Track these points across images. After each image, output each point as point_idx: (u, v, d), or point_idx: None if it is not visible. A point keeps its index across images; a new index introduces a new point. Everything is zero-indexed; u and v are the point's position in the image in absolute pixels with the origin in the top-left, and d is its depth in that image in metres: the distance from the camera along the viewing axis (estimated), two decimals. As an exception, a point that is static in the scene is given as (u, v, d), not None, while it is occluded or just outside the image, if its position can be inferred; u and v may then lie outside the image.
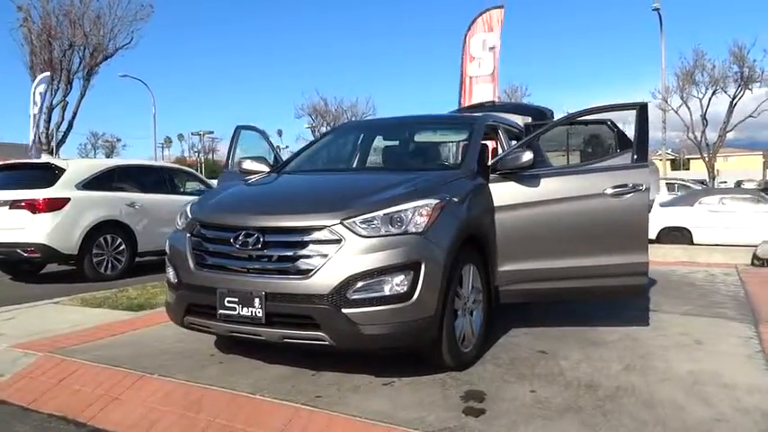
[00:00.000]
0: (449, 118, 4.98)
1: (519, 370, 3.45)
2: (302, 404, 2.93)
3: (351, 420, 2.76)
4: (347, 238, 3.01)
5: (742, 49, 28.95)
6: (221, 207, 3.53)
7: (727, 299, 5.45)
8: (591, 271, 3.90)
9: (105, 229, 7.96)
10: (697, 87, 30.42)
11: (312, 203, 3.30)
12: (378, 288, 2.99)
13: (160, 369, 3.49)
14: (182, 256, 3.42)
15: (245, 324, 3.13)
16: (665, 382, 3.23)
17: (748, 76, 29.03)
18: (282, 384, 3.21)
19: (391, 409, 2.87)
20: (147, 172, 9.12)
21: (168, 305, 3.62)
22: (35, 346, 4.00)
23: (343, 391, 3.12)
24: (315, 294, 2.97)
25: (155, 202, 8.68)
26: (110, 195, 8.14)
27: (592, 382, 3.22)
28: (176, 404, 3.10)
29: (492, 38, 9.63)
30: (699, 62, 30.12)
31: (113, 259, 8.09)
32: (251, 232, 3.14)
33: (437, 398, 3.02)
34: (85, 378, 3.48)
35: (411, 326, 3.05)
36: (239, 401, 3.03)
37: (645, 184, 3.85)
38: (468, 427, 2.67)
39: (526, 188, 3.90)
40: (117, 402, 3.21)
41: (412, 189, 3.34)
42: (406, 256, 3.02)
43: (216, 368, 3.53)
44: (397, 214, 3.11)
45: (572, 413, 2.81)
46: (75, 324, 4.66)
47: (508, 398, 3.01)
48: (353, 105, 44.25)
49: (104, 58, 24.14)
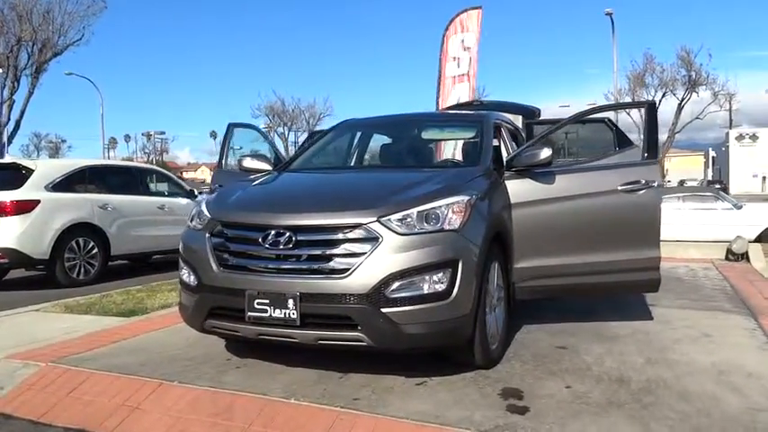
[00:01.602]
0: (457, 116, 4.96)
1: (546, 366, 3.45)
2: (342, 407, 2.84)
3: (398, 422, 2.69)
4: (384, 236, 2.94)
5: (689, 53, 30.28)
6: (245, 206, 3.40)
7: (716, 292, 5.62)
8: (605, 267, 3.94)
9: (77, 232, 7.62)
10: (647, 90, 31.61)
11: (345, 201, 3.21)
12: (417, 286, 2.93)
13: (178, 376, 3.34)
14: (201, 256, 3.28)
15: (277, 326, 3.01)
16: (691, 374, 3.29)
17: (695, 79, 30.35)
18: (313, 388, 3.12)
19: (434, 408, 2.82)
20: (118, 172, 8.80)
21: (184, 308, 3.47)
22: (34, 356, 3.77)
23: (378, 392, 3.04)
24: (353, 294, 2.88)
25: (127, 203, 8.37)
26: (81, 197, 7.79)
27: (622, 377, 3.25)
28: (205, 412, 2.96)
29: (469, 38, 9.69)
30: (649, 66, 31.32)
31: (86, 263, 7.74)
32: (282, 231, 3.03)
33: (475, 396, 2.99)
34: (98, 388, 3.30)
35: (449, 324, 3.00)
36: (273, 407, 2.92)
37: (657, 181, 3.92)
38: (518, 425, 2.64)
39: (541, 185, 3.91)
40: (139, 412, 3.04)
41: (441, 186, 3.30)
42: (445, 253, 2.97)
43: (236, 373, 3.40)
44: (432, 211, 3.06)
45: (615, 407, 2.82)
46: (68, 332, 4.42)
47: (545, 394, 3.00)
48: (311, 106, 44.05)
49: (54, 54, 23.23)
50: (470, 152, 4.12)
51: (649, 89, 31.60)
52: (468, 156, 4.09)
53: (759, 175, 50.95)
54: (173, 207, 9.15)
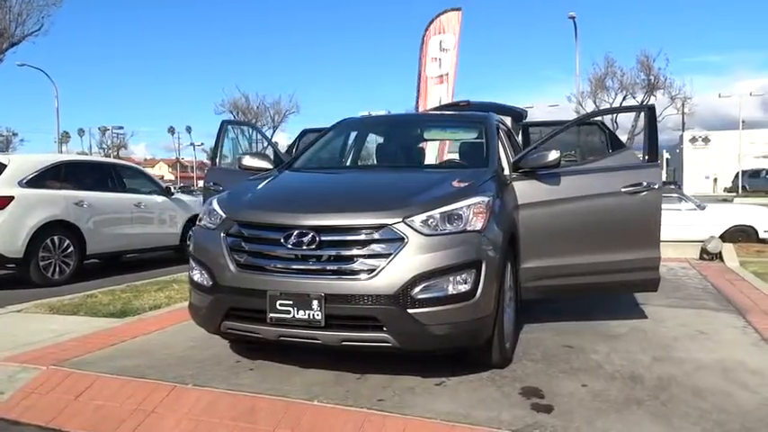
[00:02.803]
0: (458, 116, 4.97)
1: (557, 365, 3.51)
2: (368, 409, 2.83)
3: (428, 423, 2.70)
4: (409, 237, 2.94)
5: (648, 58, 31.19)
6: (264, 206, 3.34)
7: (699, 291, 5.81)
8: (608, 267, 4.02)
9: (52, 230, 7.36)
10: (608, 93, 32.42)
11: (370, 202, 3.19)
12: (442, 287, 2.94)
13: (190, 378, 3.27)
14: (216, 256, 3.21)
15: (300, 328, 2.98)
16: (698, 371, 3.39)
17: (653, 83, 31.27)
18: (333, 389, 3.09)
19: (459, 408, 2.83)
20: (94, 168, 8.52)
21: (196, 310, 3.39)
22: (32, 359, 3.63)
23: (400, 393, 3.04)
24: (380, 295, 2.87)
25: (104, 200, 8.13)
26: (56, 193, 7.52)
27: (633, 375, 3.33)
28: (225, 415, 2.91)
29: (449, 39, 9.75)
30: (610, 69, 32.13)
31: (61, 262, 7.48)
32: (305, 232, 3.00)
33: (497, 396, 3.02)
34: (107, 392, 3.20)
35: (473, 325, 3.02)
36: (297, 408, 2.88)
37: (658, 183, 4.02)
38: (546, 423, 2.67)
39: (547, 186, 3.97)
40: (155, 416, 2.96)
41: (460, 187, 3.32)
42: (469, 254, 2.99)
43: (250, 375, 3.34)
44: (455, 212, 3.07)
45: (635, 405, 2.89)
46: (60, 333, 4.27)
47: (565, 393, 3.05)
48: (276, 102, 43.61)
49: (11, 44, 22.37)
50: (477, 153, 4.15)
51: (610, 92, 32.47)
52: (475, 157, 4.12)
53: (711, 176, 52.84)
54: (149, 205, 8.94)
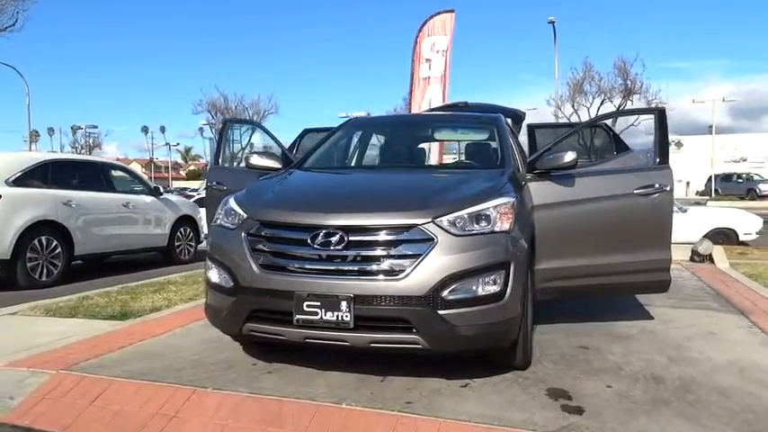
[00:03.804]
0: (469, 117, 4.95)
1: (577, 366, 3.51)
2: (399, 412, 2.79)
3: (462, 425, 2.67)
4: (439, 237, 2.91)
5: (626, 63, 31.67)
6: (287, 205, 3.27)
7: (699, 292, 5.88)
8: (620, 268, 4.04)
9: (40, 231, 7.16)
10: (586, 97, 32.83)
11: (399, 202, 3.15)
12: (472, 288, 2.91)
13: (208, 382, 3.19)
14: (237, 256, 3.14)
15: (327, 329, 2.92)
16: (716, 371, 3.41)
17: (630, 88, 31.76)
18: (358, 392, 3.05)
19: (490, 410, 2.81)
20: (82, 167, 8.34)
21: (215, 311, 3.31)
22: (39, 363, 3.51)
23: (427, 395, 3.00)
24: (411, 296, 2.84)
25: (92, 200, 7.96)
26: (44, 193, 7.33)
27: (653, 375, 3.34)
28: (252, 419, 2.84)
29: (442, 41, 9.76)
30: (588, 74, 32.54)
31: (49, 264, 7.28)
32: (333, 231, 2.95)
33: (525, 397, 3.00)
34: (123, 396, 3.10)
35: (502, 326, 3.00)
36: (325, 412, 2.83)
37: (669, 185, 4.06)
38: (581, 425, 2.66)
39: (562, 187, 3.97)
40: (177, 421, 2.88)
41: (485, 188, 3.30)
42: (498, 255, 2.97)
43: (270, 378, 3.27)
44: (482, 213, 3.05)
45: (663, 406, 2.89)
46: (63, 336, 4.14)
47: (591, 394, 3.05)
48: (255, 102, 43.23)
49: (-16, 40, 21.75)
50: (490, 154, 4.14)
51: (588, 96, 32.92)
52: (489, 158, 4.11)
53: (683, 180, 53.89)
54: (137, 205, 8.78)
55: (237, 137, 5.28)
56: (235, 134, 5.21)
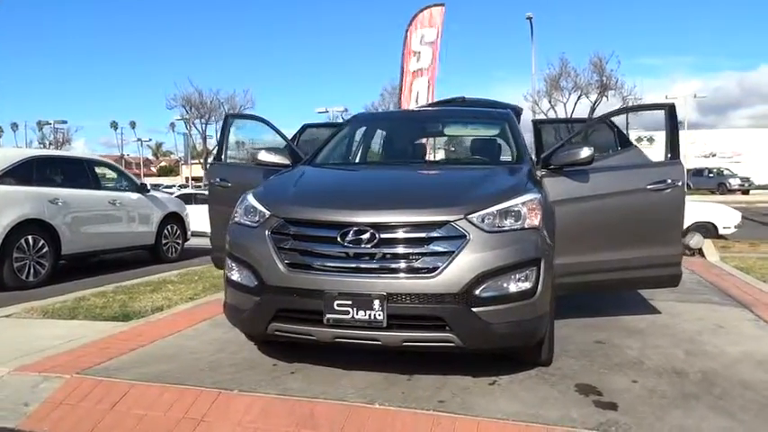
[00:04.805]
0: (478, 112, 4.92)
1: (598, 361, 3.52)
2: (434, 411, 2.76)
3: (501, 423, 2.65)
4: (471, 234, 2.88)
5: (602, 59, 32.08)
6: (313, 202, 3.20)
7: (697, 286, 5.96)
8: (633, 263, 4.06)
9: (27, 230, 6.94)
10: (562, 93, 33.17)
11: (429, 198, 3.11)
12: (505, 285, 2.89)
13: (232, 384, 3.12)
14: (261, 255, 3.07)
15: (359, 329, 2.87)
16: (735, 364, 3.46)
17: (606, 84, 32.17)
18: (388, 391, 3.00)
19: (526, 408, 2.79)
20: (68, 164, 8.10)
21: (237, 311, 3.23)
22: (50, 367, 3.39)
23: (458, 393, 2.98)
24: (445, 293, 2.80)
25: (79, 198, 7.74)
26: (30, 190, 7.10)
27: (675, 369, 3.37)
28: (283, 421, 2.78)
29: (430, 33, 9.74)
30: (564, 70, 32.88)
31: (36, 264, 7.07)
32: (364, 229, 2.89)
33: (555, 394, 2.99)
34: (146, 400, 3.01)
35: (533, 323, 2.99)
36: (359, 413, 2.78)
37: (681, 180, 4.09)
38: (619, 421, 2.66)
39: (576, 183, 3.97)
40: (206, 425, 2.81)
41: (511, 184, 3.28)
42: (529, 252, 2.95)
43: (294, 379, 3.21)
44: (512, 209, 3.03)
45: (693, 400, 2.91)
46: (68, 339, 4.01)
47: (620, 389, 3.06)
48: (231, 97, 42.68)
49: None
50: (505, 150, 4.12)
51: (564, 92, 33.27)
52: (503, 154, 4.09)
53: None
54: (124, 202, 8.59)
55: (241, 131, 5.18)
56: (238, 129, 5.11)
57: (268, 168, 4.25)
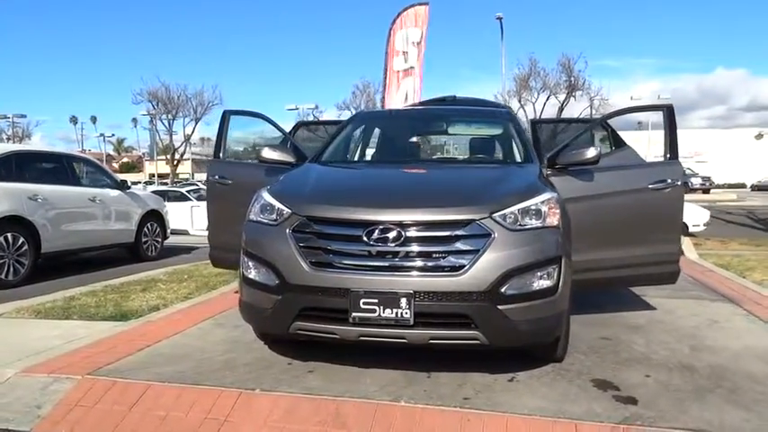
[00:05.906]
0: (481, 111, 4.95)
1: (609, 357, 3.59)
2: (461, 408, 2.78)
3: (529, 419, 2.68)
4: (496, 233, 2.91)
5: (570, 60, 32.65)
6: (336, 200, 3.17)
7: (684, 283, 6.03)
8: (634, 260, 4.15)
9: (5, 227, 6.73)
10: (531, 93, 33.65)
11: (453, 197, 3.12)
12: (529, 283, 2.93)
13: (251, 383, 3.08)
14: (282, 254, 3.04)
15: (386, 327, 2.87)
16: (739, 358, 3.56)
17: (574, 84, 32.77)
18: (411, 388, 3.01)
19: (549, 404, 2.84)
20: (47, 160, 7.91)
21: (256, 310, 3.19)
22: (58, 368, 3.30)
23: (481, 390, 3.00)
24: (472, 291, 2.82)
25: (59, 194, 7.55)
26: (9, 187, 6.89)
27: (683, 364, 3.45)
28: (309, 420, 2.76)
29: (415, 33, 9.76)
30: (533, 70, 33.36)
31: (15, 262, 6.85)
32: (389, 227, 2.89)
33: (575, 389, 3.04)
34: (165, 401, 2.95)
35: (554, 320, 3.04)
36: (385, 411, 2.78)
37: (680, 179, 4.20)
38: (644, 415, 2.72)
39: (580, 182, 4.04)
40: (230, 426, 2.77)
41: (529, 182, 3.32)
42: (551, 250, 3.00)
43: (314, 377, 3.19)
44: (533, 208, 3.07)
45: (709, 394, 3.00)
46: (69, 340, 3.91)
47: (636, 384, 3.12)
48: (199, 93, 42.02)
49: None
50: (512, 148, 4.16)
51: (533, 92, 33.76)
52: (512, 152, 4.13)
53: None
54: (104, 199, 8.39)
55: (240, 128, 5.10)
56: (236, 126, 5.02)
57: (269, 166, 4.21)
